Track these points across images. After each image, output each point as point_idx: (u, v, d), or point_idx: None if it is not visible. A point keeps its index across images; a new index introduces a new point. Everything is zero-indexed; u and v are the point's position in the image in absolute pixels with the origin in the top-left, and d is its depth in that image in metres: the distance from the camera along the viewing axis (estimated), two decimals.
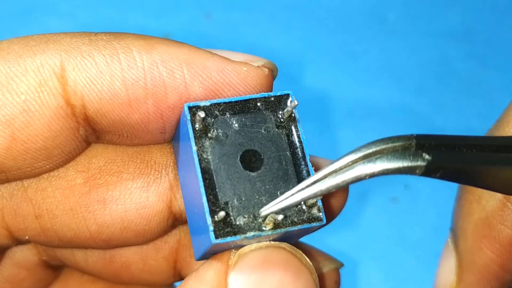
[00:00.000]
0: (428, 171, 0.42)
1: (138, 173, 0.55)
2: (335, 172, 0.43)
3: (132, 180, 0.55)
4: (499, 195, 0.58)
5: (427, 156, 0.42)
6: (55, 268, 0.66)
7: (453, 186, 0.65)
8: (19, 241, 0.57)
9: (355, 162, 0.42)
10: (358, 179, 0.42)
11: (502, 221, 0.58)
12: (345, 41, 1.21)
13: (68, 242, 0.56)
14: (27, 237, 0.56)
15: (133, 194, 0.55)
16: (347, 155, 0.43)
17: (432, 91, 1.18)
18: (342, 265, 0.64)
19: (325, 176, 0.43)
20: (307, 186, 0.44)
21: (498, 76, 1.19)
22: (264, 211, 0.46)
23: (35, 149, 0.50)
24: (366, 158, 0.43)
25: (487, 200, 0.59)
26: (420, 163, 0.42)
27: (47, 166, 0.52)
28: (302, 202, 0.48)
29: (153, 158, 0.55)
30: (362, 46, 1.21)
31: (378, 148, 0.43)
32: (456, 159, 0.44)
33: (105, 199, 0.55)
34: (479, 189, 0.59)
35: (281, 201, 0.45)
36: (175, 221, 0.57)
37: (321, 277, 0.62)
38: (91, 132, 0.52)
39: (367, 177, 0.42)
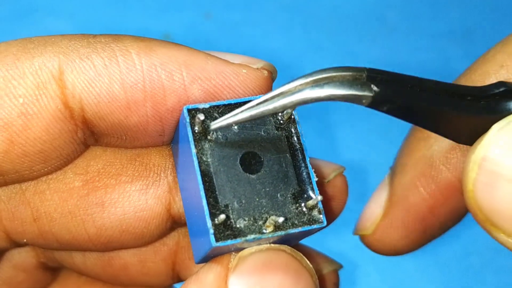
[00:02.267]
0: (375, 103, 0.43)
1: (136, 176, 0.55)
2: (283, 94, 0.43)
3: (130, 182, 0.55)
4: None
5: (375, 88, 0.42)
6: (53, 270, 0.66)
7: None
8: (17, 244, 0.57)
9: (304, 85, 0.43)
10: (304, 102, 0.43)
11: (445, 163, 0.58)
12: (345, 41, 1.21)
13: (66, 244, 0.56)
14: (25, 240, 0.56)
15: (131, 196, 0.55)
16: (297, 79, 0.43)
17: None
18: (341, 266, 0.64)
19: (273, 97, 0.44)
20: (256, 105, 0.44)
21: None
22: (213, 125, 0.47)
23: (33, 152, 0.50)
24: (316, 83, 0.43)
25: (436, 140, 0.58)
26: (367, 93, 0.42)
27: (45, 169, 0.52)
28: (303, 205, 0.48)
29: (151, 161, 0.55)
30: (362, 46, 1.21)
31: (327, 75, 0.43)
32: (405, 96, 0.44)
33: (104, 202, 0.55)
34: None
35: (228, 117, 0.46)
36: (174, 224, 0.57)
37: (320, 279, 0.61)
38: (89, 135, 0.52)
39: (312, 101, 0.43)
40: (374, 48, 1.22)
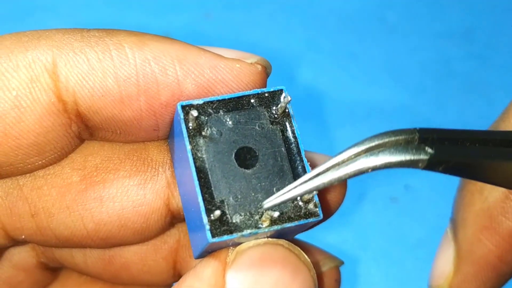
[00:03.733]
0: (431, 165, 0.43)
1: (134, 171, 0.55)
2: (337, 165, 0.43)
3: (128, 177, 0.55)
4: (502, 188, 0.58)
5: (429, 150, 0.42)
6: (54, 270, 0.66)
7: (453, 186, 0.65)
8: (15, 241, 0.57)
9: (358, 155, 0.42)
10: (361, 172, 0.42)
11: (504, 213, 0.59)
12: (345, 41, 1.21)
13: (65, 241, 0.56)
14: (23, 237, 0.56)
15: (130, 191, 0.55)
16: (349, 148, 0.43)
17: (432, 91, 1.18)
18: (342, 263, 0.64)
19: (327, 169, 0.43)
20: (310, 179, 0.43)
21: (498, 76, 1.19)
22: (266, 204, 0.45)
23: (27, 145, 0.50)
24: (369, 151, 0.42)
25: (489, 191, 0.59)
26: (422, 156, 0.42)
27: (40, 162, 0.52)
28: (299, 198, 0.48)
29: (149, 156, 0.55)
30: (362, 46, 1.21)
31: (381, 142, 0.43)
32: (458, 153, 0.44)
33: (102, 196, 0.55)
34: None
35: (282, 194, 0.44)
36: (173, 219, 0.57)
37: (321, 275, 0.62)
38: (84, 129, 0.52)
39: (369, 170, 0.42)
40: (374, 48, 1.22)
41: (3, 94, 0.48)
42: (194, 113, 0.47)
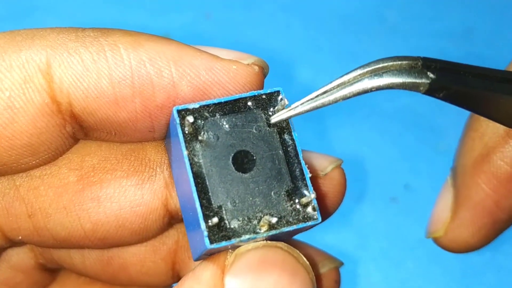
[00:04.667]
0: (432, 90, 0.45)
1: (132, 171, 0.55)
2: (343, 84, 0.45)
3: (126, 177, 0.55)
4: (501, 131, 0.59)
5: (431, 75, 0.44)
6: (52, 271, 0.66)
7: None
8: (12, 242, 0.57)
9: (362, 75, 0.45)
10: (365, 91, 0.45)
11: (502, 158, 0.60)
12: (345, 41, 1.21)
13: (62, 241, 0.56)
14: (20, 237, 0.56)
15: (127, 191, 0.55)
16: (355, 69, 0.45)
17: None
18: (342, 264, 0.64)
19: (333, 88, 0.45)
20: (316, 97, 0.46)
21: None
22: (274, 119, 0.48)
23: (20, 146, 0.50)
24: (373, 72, 0.45)
25: (490, 137, 0.60)
26: (424, 80, 0.44)
27: (34, 162, 0.52)
28: (297, 201, 0.48)
29: (147, 156, 0.55)
30: (362, 46, 1.21)
31: (385, 64, 0.45)
32: (460, 82, 0.46)
33: (99, 197, 0.54)
34: (483, 127, 0.61)
35: (289, 110, 0.47)
36: (172, 219, 0.57)
37: (320, 277, 0.62)
38: (78, 129, 0.52)
39: (373, 89, 0.44)
40: (374, 48, 1.21)
41: None
42: (190, 119, 0.47)
